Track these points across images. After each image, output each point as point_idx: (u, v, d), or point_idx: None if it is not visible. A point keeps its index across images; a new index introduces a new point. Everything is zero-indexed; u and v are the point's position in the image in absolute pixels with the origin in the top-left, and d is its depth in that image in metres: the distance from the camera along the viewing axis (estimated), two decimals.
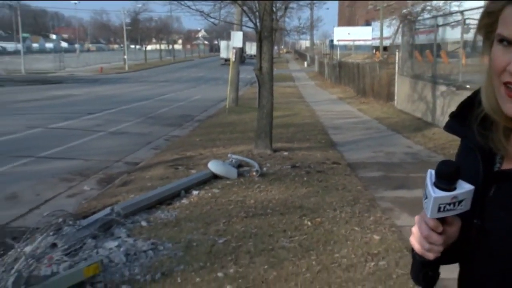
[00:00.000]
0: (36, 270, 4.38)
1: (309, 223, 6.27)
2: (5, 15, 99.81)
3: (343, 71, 33.66)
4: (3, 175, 9.62)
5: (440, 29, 16.79)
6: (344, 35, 55.15)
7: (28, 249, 4.52)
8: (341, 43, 55.21)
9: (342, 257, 5.18)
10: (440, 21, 17.43)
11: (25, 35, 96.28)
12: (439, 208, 1.11)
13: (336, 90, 31.35)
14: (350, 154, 11.03)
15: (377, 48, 52.01)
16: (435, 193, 1.11)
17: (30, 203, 7.91)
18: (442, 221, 1.15)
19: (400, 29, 24.75)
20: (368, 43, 56.69)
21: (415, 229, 1.19)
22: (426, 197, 1.13)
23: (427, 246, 1.16)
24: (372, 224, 6.24)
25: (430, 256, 1.17)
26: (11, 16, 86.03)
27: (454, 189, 1.11)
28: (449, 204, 1.11)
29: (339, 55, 51.31)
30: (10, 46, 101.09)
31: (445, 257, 1.21)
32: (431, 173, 1.14)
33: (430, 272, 1.21)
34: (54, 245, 5.05)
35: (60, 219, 5.45)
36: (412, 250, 1.22)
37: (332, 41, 60.22)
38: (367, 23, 63.96)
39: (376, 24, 53.42)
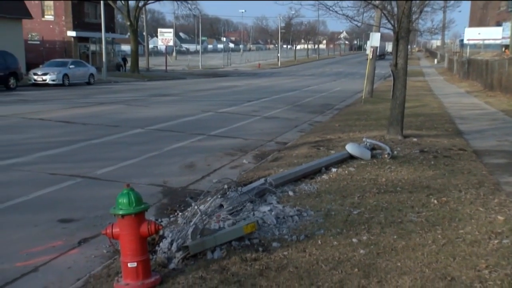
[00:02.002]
0: (208, 224, 4.64)
1: (435, 201, 5.91)
2: (190, 23, 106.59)
3: (472, 67, 31.13)
4: (184, 148, 10.27)
5: None
6: (474, 35, 50.72)
7: (202, 207, 4.79)
8: (471, 42, 50.92)
9: (466, 233, 4.81)
10: None
11: (203, 38, 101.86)
12: None
13: (464, 85, 29.12)
14: (476, 142, 10.20)
15: (506, 46, 47.36)
16: None
17: (202, 171, 8.36)
18: None
19: None
20: (498, 42, 51.65)
21: None
22: None
23: None
24: (496, 206, 5.71)
25: None
26: (194, 24, 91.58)
27: None
28: None
29: (468, 53, 47.50)
30: (192, 47, 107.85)
31: None
32: None
33: None
34: (221, 206, 5.30)
35: (226, 186, 5.69)
36: None
37: (462, 40, 55.82)
38: (498, 24, 58.36)
39: (507, 25, 48.58)
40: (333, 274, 3.94)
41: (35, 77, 26.88)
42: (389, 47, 76.97)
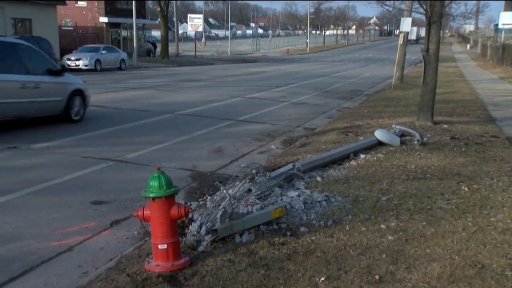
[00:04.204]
0: (236, 208, 4.67)
1: (466, 188, 5.79)
2: (219, 8, 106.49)
3: (506, 52, 30.18)
4: (212, 133, 10.30)
5: None
6: (509, 19, 48.90)
7: (231, 191, 4.81)
8: (506, 26, 49.15)
9: (498, 221, 4.70)
10: None
11: (232, 24, 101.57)
12: None
13: (498, 70, 28.28)
14: (509, 129, 9.92)
15: None
16: None
17: (231, 156, 8.38)
18: None
19: None
20: None
21: None
22: None
23: None
24: None
25: None
26: (223, 9, 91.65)
27: None
28: None
29: (503, 37, 46.01)
30: (221, 33, 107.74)
31: None
32: None
33: None
34: (249, 190, 5.31)
35: (254, 170, 5.70)
36: None
37: (497, 25, 53.93)
38: None
39: None
40: (360, 259, 3.91)
41: (69, 62, 27.35)
42: (422, 31, 75.50)
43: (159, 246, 3.79)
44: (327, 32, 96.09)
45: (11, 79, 9.19)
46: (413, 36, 22.33)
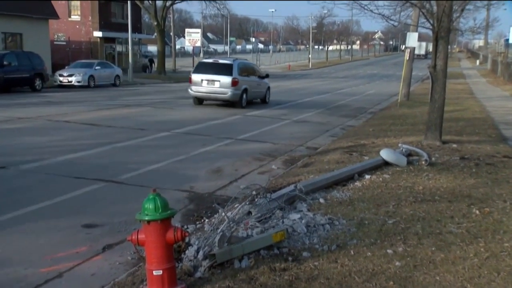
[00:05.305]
0: (235, 232, 4.65)
1: (477, 212, 5.78)
2: (218, 23, 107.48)
3: None
4: (211, 153, 10.31)
5: None
6: None
7: (229, 214, 4.79)
8: None
9: (511, 247, 4.68)
10: None
11: (232, 38, 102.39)
12: None
13: (509, 87, 28.41)
14: None
15: None
16: None
17: (230, 176, 8.38)
18: None
19: None
20: None
21: None
22: None
23: None
24: None
25: None
26: (222, 24, 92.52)
27: None
28: None
29: None
30: (220, 48, 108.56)
31: None
32: None
33: None
34: (249, 213, 5.30)
35: (254, 192, 5.69)
36: None
37: (507, 40, 54.34)
38: None
39: None
40: (366, 286, 3.89)
41: (61, 78, 27.47)
42: (431, 46, 76.12)
43: (154, 272, 3.76)
44: (330, 47, 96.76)
45: (254, 80, 19.90)
46: (421, 51, 22.86)
